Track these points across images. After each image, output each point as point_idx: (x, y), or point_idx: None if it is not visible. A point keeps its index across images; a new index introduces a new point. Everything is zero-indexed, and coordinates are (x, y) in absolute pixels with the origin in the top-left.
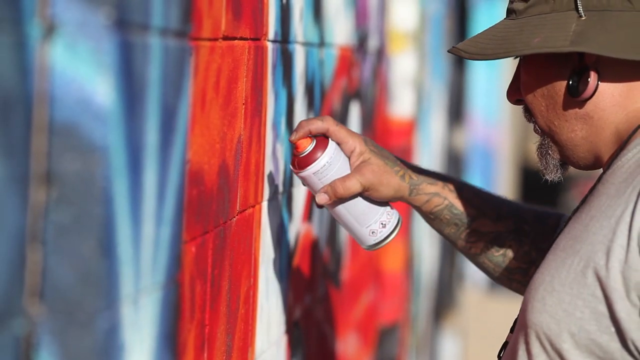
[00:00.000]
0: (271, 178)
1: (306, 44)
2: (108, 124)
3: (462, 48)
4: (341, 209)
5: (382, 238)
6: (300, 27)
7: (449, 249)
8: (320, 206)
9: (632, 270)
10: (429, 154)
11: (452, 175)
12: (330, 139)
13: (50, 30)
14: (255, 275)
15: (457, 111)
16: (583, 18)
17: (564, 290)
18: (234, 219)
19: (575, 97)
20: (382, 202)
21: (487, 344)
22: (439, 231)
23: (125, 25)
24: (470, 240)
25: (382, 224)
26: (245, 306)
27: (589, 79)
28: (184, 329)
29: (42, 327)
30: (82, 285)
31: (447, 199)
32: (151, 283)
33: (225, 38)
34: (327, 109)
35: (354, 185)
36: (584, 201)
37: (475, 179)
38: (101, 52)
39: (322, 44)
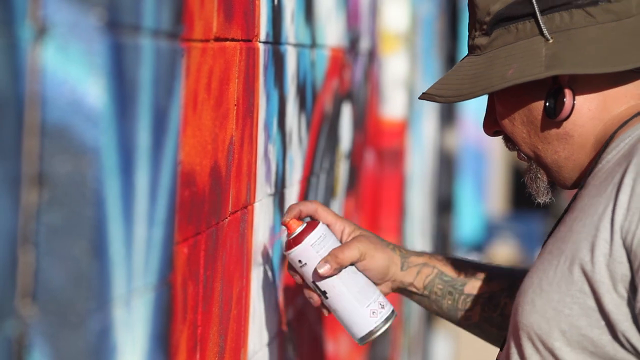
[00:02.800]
0: (263, 179)
1: (298, 45)
2: (100, 125)
3: (436, 93)
4: (341, 287)
5: (384, 319)
6: (292, 28)
7: (441, 250)
8: (319, 292)
9: (617, 262)
10: (420, 155)
11: (445, 177)
12: (320, 221)
13: (41, 31)
14: (248, 277)
15: (448, 112)
16: (550, 41)
17: (552, 290)
18: (226, 220)
19: (553, 118)
20: (375, 285)
21: (478, 345)
22: (439, 310)
23: (117, 27)
24: (467, 308)
25: (380, 304)
26: (237, 307)
27: (565, 99)
28: (176, 330)
29: (34, 329)
30: (74, 286)
31: (436, 267)
32: (143, 284)
33: (217, 39)
34: (318, 110)
35: (353, 251)
36: (568, 207)
37: (467, 180)
38: (93, 53)
39: (313, 45)
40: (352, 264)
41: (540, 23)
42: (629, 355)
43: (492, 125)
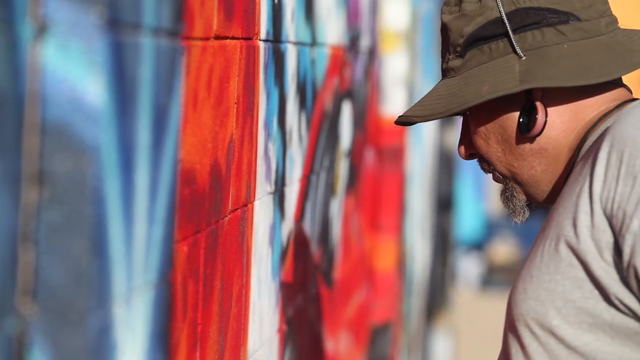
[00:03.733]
0: (263, 177)
1: (298, 44)
2: (100, 123)
3: (412, 114)
4: None
5: None
6: (292, 26)
7: (441, 248)
8: None
9: (600, 231)
10: (420, 153)
11: (444, 175)
12: None
13: (42, 30)
14: (248, 274)
15: None
16: (523, 58)
17: (542, 273)
18: (226, 218)
19: (527, 134)
20: None
21: (478, 342)
22: None
23: (117, 25)
24: None
25: None
26: (237, 305)
27: (537, 115)
28: (176, 328)
29: (34, 327)
30: (74, 284)
31: None
32: (143, 282)
33: (217, 37)
34: (318, 108)
35: None
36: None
37: (466, 178)
38: (93, 51)
39: (314, 43)
40: None
41: (513, 41)
42: (627, 318)
43: (467, 147)
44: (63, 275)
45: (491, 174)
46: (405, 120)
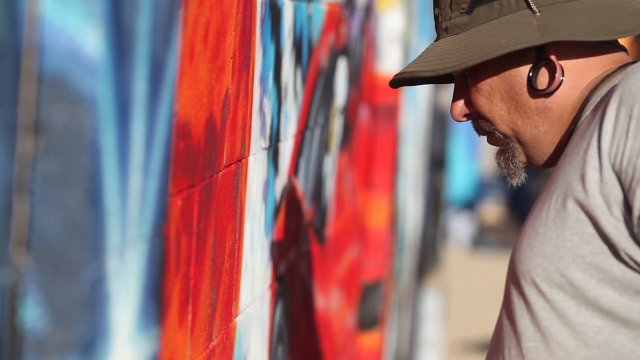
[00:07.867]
0: (258, 133)
1: None
2: (97, 75)
3: (417, 69)
4: None
5: None
6: None
7: (433, 207)
8: None
9: (610, 186)
10: (414, 112)
11: (438, 134)
12: None
13: None
14: (241, 230)
15: None
16: (538, 14)
17: (548, 229)
18: (221, 172)
19: (539, 90)
20: None
21: (469, 301)
22: None
23: None
24: None
25: None
26: (230, 260)
27: (556, 74)
28: (169, 281)
29: (27, 277)
30: (68, 235)
31: None
32: (137, 235)
33: None
34: (314, 64)
35: None
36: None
37: (460, 138)
38: (91, 2)
39: None
40: None
41: None
42: (636, 274)
43: (462, 108)
44: (57, 226)
45: (486, 136)
46: (407, 77)
